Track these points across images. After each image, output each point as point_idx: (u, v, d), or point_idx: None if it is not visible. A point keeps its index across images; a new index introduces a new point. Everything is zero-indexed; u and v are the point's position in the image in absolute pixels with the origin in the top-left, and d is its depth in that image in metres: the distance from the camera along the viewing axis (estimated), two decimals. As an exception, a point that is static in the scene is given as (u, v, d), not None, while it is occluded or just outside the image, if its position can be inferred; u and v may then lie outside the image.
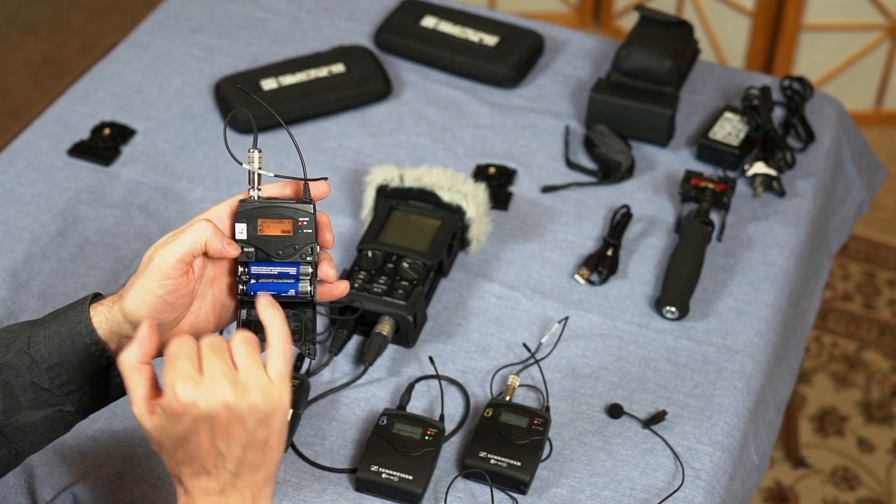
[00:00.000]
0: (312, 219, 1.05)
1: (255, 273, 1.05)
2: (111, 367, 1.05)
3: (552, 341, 1.40)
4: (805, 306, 1.62)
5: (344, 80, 1.71)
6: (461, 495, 1.25)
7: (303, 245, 1.05)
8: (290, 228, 1.05)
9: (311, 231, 1.05)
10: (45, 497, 1.25)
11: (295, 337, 1.07)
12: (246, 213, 1.04)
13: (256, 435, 0.97)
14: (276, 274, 1.05)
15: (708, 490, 1.27)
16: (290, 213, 1.04)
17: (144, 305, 1.02)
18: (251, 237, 1.04)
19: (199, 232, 1.02)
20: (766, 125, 1.62)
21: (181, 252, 1.01)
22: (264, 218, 1.04)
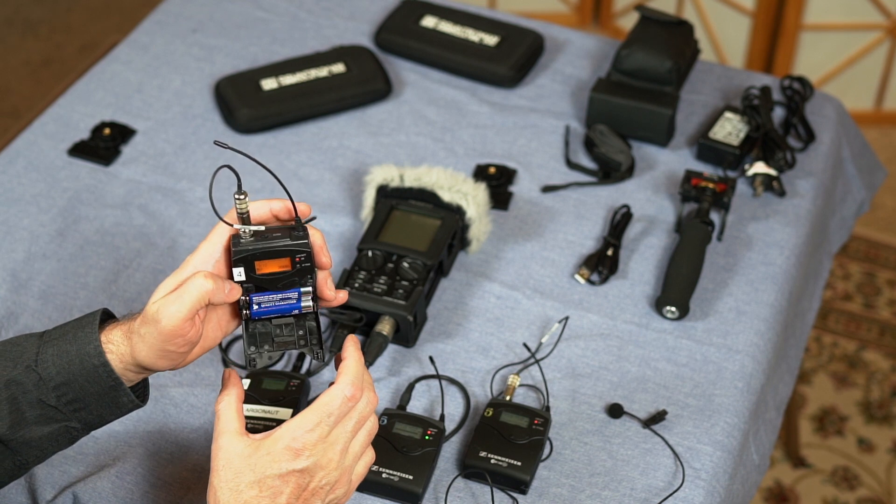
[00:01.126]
0: (310, 254, 1.05)
1: (256, 301, 1.07)
2: (119, 388, 1.06)
3: (552, 341, 1.40)
4: (805, 306, 1.62)
5: (344, 79, 1.71)
6: (461, 495, 1.25)
7: (302, 276, 1.06)
8: (288, 265, 1.06)
9: (310, 264, 1.06)
10: (46, 497, 1.25)
11: (301, 342, 1.09)
12: (242, 258, 1.05)
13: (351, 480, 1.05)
14: (278, 300, 1.07)
15: (708, 490, 1.27)
16: (287, 252, 1.05)
17: (161, 360, 1.05)
18: (250, 278, 1.05)
19: (201, 289, 1.03)
20: (766, 125, 1.62)
21: (186, 312, 1.02)
22: (261, 260, 1.05)
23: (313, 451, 1.01)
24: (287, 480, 1.01)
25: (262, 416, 1.28)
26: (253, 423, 1.28)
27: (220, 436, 1.02)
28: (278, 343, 1.09)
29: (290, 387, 1.31)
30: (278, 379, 1.32)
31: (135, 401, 1.08)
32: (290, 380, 1.31)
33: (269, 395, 1.30)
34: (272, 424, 1.27)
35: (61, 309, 1.43)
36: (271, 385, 1.31)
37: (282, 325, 1.08)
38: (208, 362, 1.37)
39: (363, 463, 1.07)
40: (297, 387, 1.31)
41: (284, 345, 1.09)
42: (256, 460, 1.01)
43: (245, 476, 1.01)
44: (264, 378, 1.32)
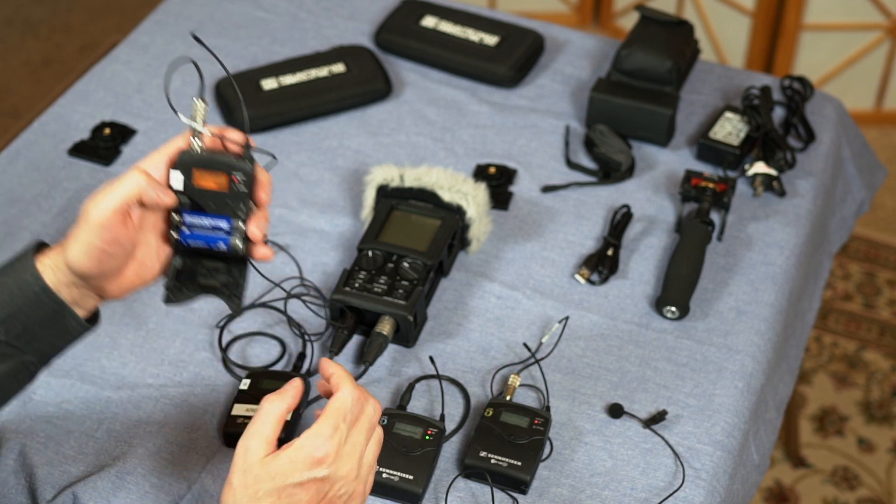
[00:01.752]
0: (250, 178, 1.04)
1: (188, 222, 1.06)
2: (64, 311, 1.06)
3: (552, 341, 1.40)
4: (805, 306, 1.62)
5: (344, 79, 1.71)
6: (461, 495, 1.25)
7: (236, 202, 1.05)
8: (225, 184, 1.05)
9: (247, 190, 1.04)
10: (46, 496, 1.25)
11: (224, 291, 1.08)
12: (183, 163, 1.04)
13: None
14: (209, 226, 1.05)
15: (708, 490, 1.27)
16: (227, 168, 1.04)
17: (86, 257, 1.03)
18: (186, 187, 1.05)
19: (134, 182, 1.02)
20: (766, 125, 1.62)
21: (117, 203, 1.02)
22: (200, 170, 1.04)
23: (334, 460, 1.01)
24: (307, 488, 1.01)
25: None
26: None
27: (251, 436, 1.02)
28: (201, 284, 1.08)
29: None
30: (278, 379, 1.32)
31: (82, 323, 1.08)
32: (290, 379, 1.31)
33: None
34: None
35: (61, 309, 1.43)
36: (271, 385, 1.31)
37: (210, 269, 1.07)
38: (208, 362, 1.37)
39: (374, 473, 1.08)
40: None
41: (206, 288, 1.08)
42: (277, 468, 1.00)
43: (264, 484, 1.00)
44: (263, 378, 1.32)
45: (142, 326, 1.41)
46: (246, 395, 1.30)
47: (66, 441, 1.29)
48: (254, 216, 1.07)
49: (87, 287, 1.07)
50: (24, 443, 1.28)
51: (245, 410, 1.29)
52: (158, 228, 1.08)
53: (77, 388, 1.34)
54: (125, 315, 1.41)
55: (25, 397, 1.33)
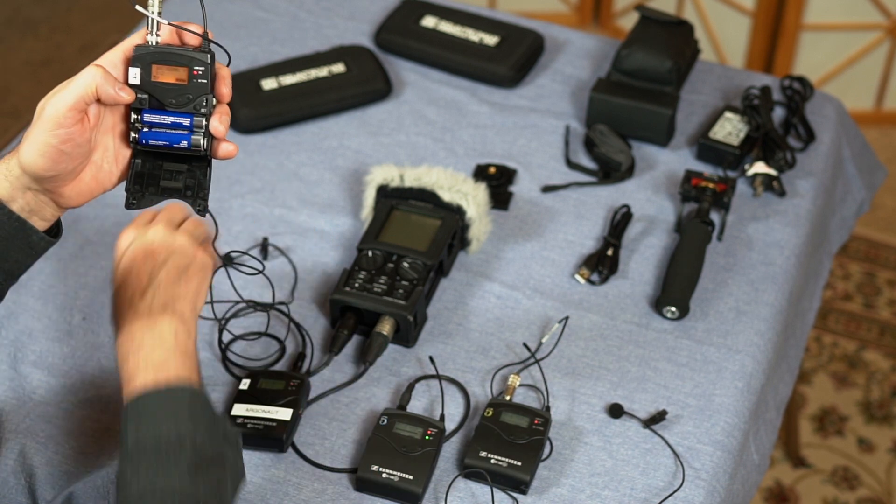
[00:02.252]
0: (208, 69, 1.03)
1: (147, 121, 1.03)
2: (24, 226, 1.05)
3: (552, 341, 1.40)
4: (805, 306, 1.62)
5: (344, 79, 1.71)
6: (461, 495, 1.25)
7: (197, 95, 1.03)
8: (184, 77, 1.02)
9: (207, 81, 1.02)
10: (46, 497, 1.25)
11: (188, 193, 1.06)
12: (140, 57, 1.02)
13: (179, 262, 1.11)
14: (170, 123, 1.03)
15: (708, 490, 1.27)
16: (186, 60, 1.02)
17: (41, 157, 1.01)
18: (145, 83, 1.02)
19: (90, 78, 1.00)
20: (766, 125, 1.62)
21: (72, 99, 1.00)
22: (159, 64, 1.02)
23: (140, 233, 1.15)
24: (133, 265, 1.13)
25: (262, 416, 1.28)
26: (253, 423, 1.28)
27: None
28: (163, 188, 1.06)
29: (290, 387, 1.31)
30: (278, 379, 1.32)
31: (44, 237, 1.07)
32: (289, 380, 1.31)
33: (269, 395, 1.30)
34: (272, 425, 1.28)
35: (61, 309, 1.43)
36: (271, 385, 1.31)
37: (172, 171, 1.06)
38: (208, 362, 1.37)
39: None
40: (296, 387, 1.31)
41: (169, 191, 1.06)
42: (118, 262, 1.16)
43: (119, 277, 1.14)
44: (263, 378, 1.32)
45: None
46: (246, 395, 1.30)
47: (65, 441, 1.29)
48: (215, 111, 1.05)
49: (43, 193, 1.05)
50: (24, 443, 1.28)
51: (245, 410, 1.29)
52: (117, 130, 1.06)
53: (77, 388, 1.34)
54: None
55: (25, 397, 1.33)
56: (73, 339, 1.39)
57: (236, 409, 1.29)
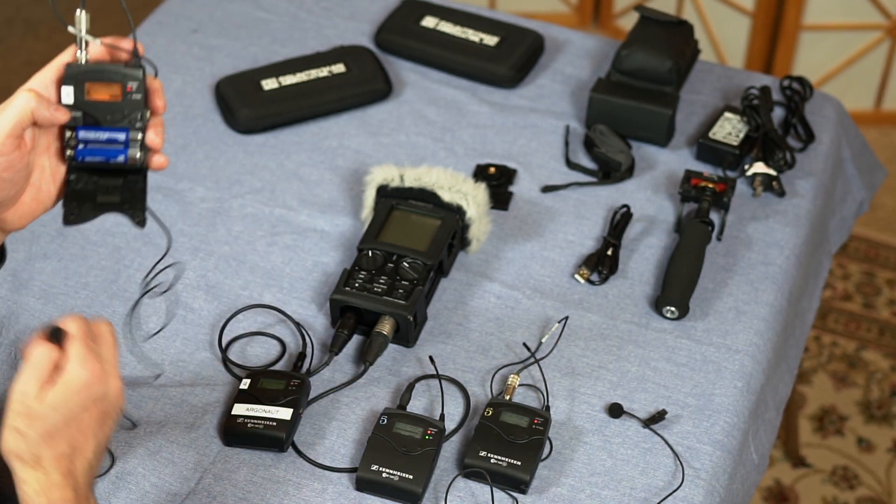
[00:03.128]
0: (141, 83, 1.02)
1: (83, 138, 1.03)
2: None
3: (552, 341, 1.40)
4: (805, 306, 1.62)
5: (344, 79, 1.71)
6: (461, 494, 1.25)
7: (131, 111, 1.03)
8: (118, 93, 1.02)
9: (141, 96, 1.02)
10: (46, 496, 1.25)
11: (126, 206, 1.06)
12: (73, 76, 1.02)
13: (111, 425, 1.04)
14: (105, 139, 1.03)
15: (708, 489, 1.27)
16: (119, 77, 1.02)
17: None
18: (78, 101, 1.02)
19: (24, 102, 1.00)
20: (765, 125, 1.62)
21: (9, 126, 1.00)
22: (91, 82, 1.02)
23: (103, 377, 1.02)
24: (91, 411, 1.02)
25: (262, 416, 1.28)
26: (253, 422, 1.28)
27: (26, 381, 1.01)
28: (101, 203, 1.06)
29: (291, 386, 1.31)
30: (278, 379, 1.32)
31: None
32: (290, 379, 1.32)
33: (269, 395, 1.30)
34: (272, 424, 1.28)
35: (62, 309, 1.43)
36: (271, 385, 1.31)
37: (108, 186, 1.05)
38: (208, 362, 1.38)
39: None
40: (297, 387, 1.31)
41: (106, 206, 1.06)
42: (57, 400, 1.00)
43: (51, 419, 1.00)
44: (263, 378, 1.32)
45: (142, 326, 1.41)
46: (246, 395, 1.30)
47: (66, 441, 1.29)
48: (151, 124, 1.05)
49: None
50: (25, 442, 1.28)
51: (246, 410, 1.29)
52: (53, 149, 1.06)
53: (77, 387, 1.34)
54: (126, 315, 1.41)
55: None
56: (74, 338, 1.39)
57: (237, 409, 1.29)
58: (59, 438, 1.00)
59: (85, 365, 1.00)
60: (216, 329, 1.41)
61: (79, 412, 1.00)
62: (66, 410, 1.00)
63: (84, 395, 1.00)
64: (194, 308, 1.43)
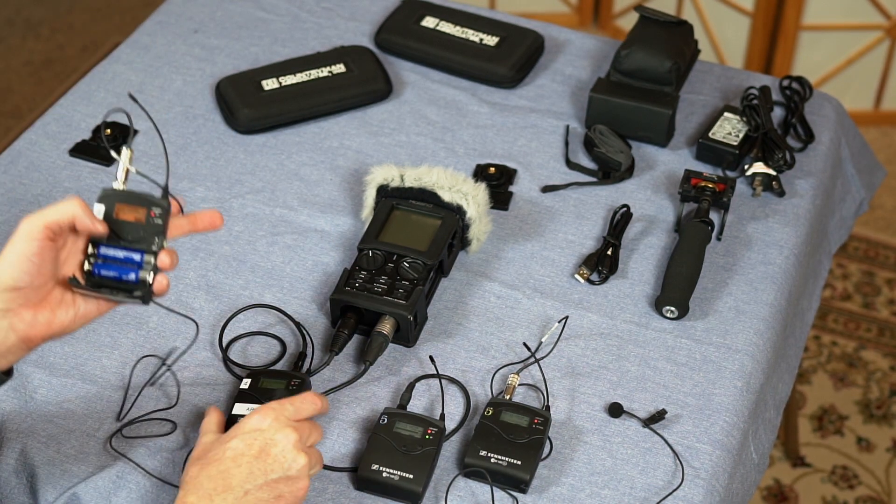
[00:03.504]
0: (166, 213, 1.11)
1: (103, 253, 1.11)
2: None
3: (552, 340, 1.41)
4: (804, 305, 1.62)
5: (344, 80, 1.71)
6: (461, 494, 1.26)
7: (151, 234, 1.11)
8: (142, 217, 1.11)
9: (162, 223, 1.11)
10: (48, 497, 1.25)
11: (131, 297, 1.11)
12: (106, 197, 1.11)
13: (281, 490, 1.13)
14: (122, 258, 1.10)
15: (707, 489, 1.27)
16: (146, 203, 1.11)
17: (10, 266, 1.06)
18: (107, 217, 1.10)
19: (70, 206, 1.07)
20: (765, 125, 1.62)
21: (51, 218, 1.06)
22: (121, 203, 1.11)
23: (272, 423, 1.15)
24: (249, 443, 1.13)
25: None
26: None
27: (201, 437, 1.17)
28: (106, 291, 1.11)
29: (291, 386, 1.31)
30: (279, 379, 1.32)
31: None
32: (290, 379, 1.32)
33: (270, 395, 1.30)
34: None
35: (63, 308, 1.43)
36: (272, 385, 1.31)
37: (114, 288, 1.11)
38: (209, 362, 1.38)
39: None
40: (297, 386, 1.31)
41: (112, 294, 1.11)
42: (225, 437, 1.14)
43: (214, 450, 1.13)
44: (264, 377, 1.32)
45: (142, 326, 1.41)
46: (247, 395, 1.30)
47: (67, 440, 1.29)
48: (167, 249, 1.12)
49: (3, 316, 1.07)
50: (26, 442, 1.29)
51: (246, 410, 1.29)
52: (73, 261, 1.11)
53: (78, 387, 1.34)
54: (126, 315, 1.42)
55: (27, 396, 1.33)
56: (75, 338, 1.40)
57: (237, 409, 1.30)
58: (211, 465, 1.11)
59: (265, 410, 1.15)
60: (216, 329, 1.41)
61: (238, 445, 1.12)
62: (227, 445, 1.13)
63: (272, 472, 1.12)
64: (195, 308, 1.43)
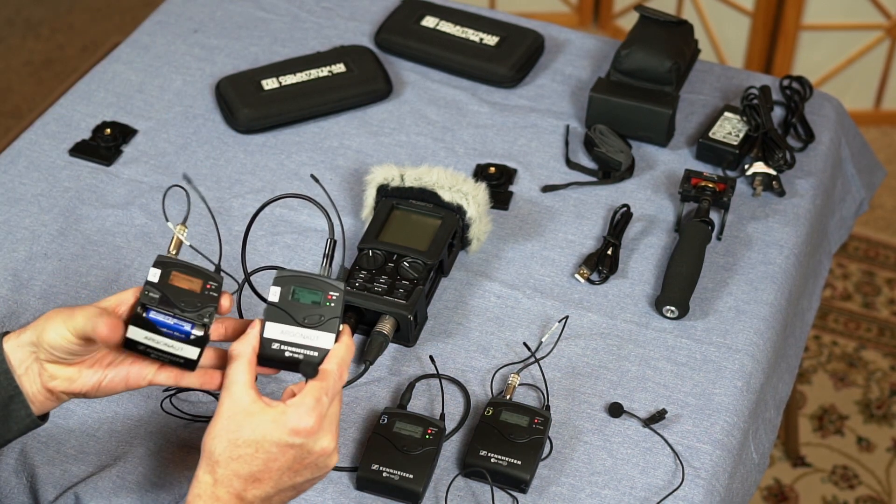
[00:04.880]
0: (219, 288, 1.10)
1: (152, 318, 1.08)
2: (17, 396, 1.08)
3: (552, 340, 1.41)
4: (804, 305, 1.62)
5: (344, 79, 1.71)
6: (461, 494, 1.26)
7: (204, 305, 1.09)
8: (197, 288, 1.10)
9: (217, 295, 1.10)
10: (48, 497, 1.25)
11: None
12: (163, 263, 1.10)
13: (304, 486, 1.10)
14: (171, 325, 1.08)
15: (708, 489, 1.27)
16: (202, 276, 1.11)
17: (47, 336, 1.07)
18: (161, 283, 1.09)
19: (91, 321, 1.05)
20: (765, 125, 1.62)
21: (78, 327, 1.06)
22: (177, 271, 1.10)
23: (313, 433, 1.06)
24: (285, 451, 1.06)
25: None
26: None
27: (231, 385, 1.07)
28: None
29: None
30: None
31: (31, 415, 1.10)
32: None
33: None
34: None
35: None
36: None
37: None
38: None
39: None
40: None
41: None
42: (260, 422, 1.05)
43: (245, 431, 1.05)
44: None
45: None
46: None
47: (67, 440, 1.29)
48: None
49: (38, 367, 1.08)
50: (25, 442, 1.29)
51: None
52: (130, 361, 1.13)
53: (78, 387, 1.34)
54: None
55: (27, 396, 1.33)
56: (75, 338, 1.40)
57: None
58: (244, 459, 1.05)
59: (302, 412, 1.05)
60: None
61: (271, 442, 1.05)
62: (261, 433, 1.05)
63: (284, 436, 1.05)
64: (195, 308, 1.43)
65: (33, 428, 1.11)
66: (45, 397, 1.10)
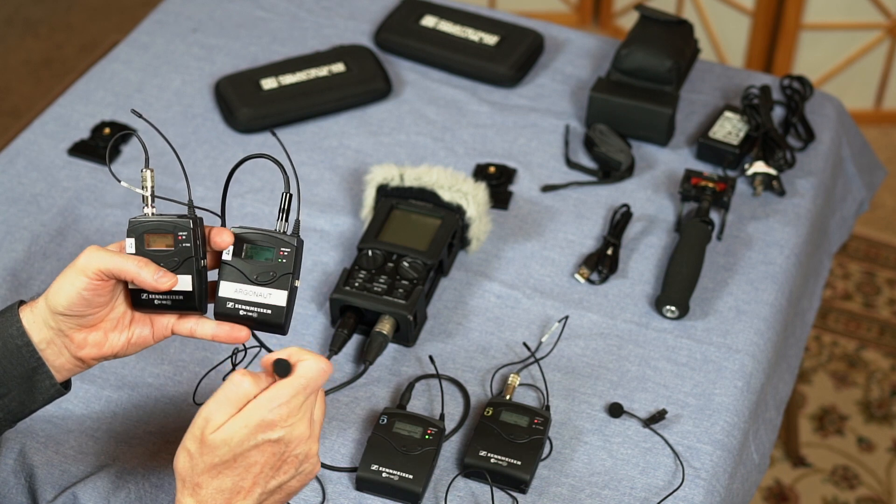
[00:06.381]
0: (190, 233, 1.11)
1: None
2: (40, 367, 1.09)
3: (552, 340, 1.40)
4: (805, 305, 1.62)
5: (344, 79, 1.71)
6: (461, 494, 1.25)
7: (183, 258, 1.10)
8: (171, 242, 1.11)
9: (190, 244, 1.10)
10: (46, 497, 1.25)
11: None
12: (134, 229, 1.11)
13: (292, 484, 1.06)
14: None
15: (708, 489, 1.27)
16: (171, 228, 1.11)
17: (63, 295, 1.07)
18: (139, 251, 1.11)
19: (135, 268, 1.07)
20: (765, 124, 1.62)
21: (108, 266, 1.07)
22: (150, 233, 1.11)
23: (287, 421, 1.02)
24: (262, 450, 1.02)
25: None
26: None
27: (216, 406, 1.02)
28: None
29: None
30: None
31: (56, 384, 1.10)
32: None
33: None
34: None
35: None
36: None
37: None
38: (208, 362, 1.37)
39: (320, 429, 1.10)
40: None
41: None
42: (231, 434, 1.01)
43: (220, 451, 1.01)
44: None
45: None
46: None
47: (66, 441, 1.29)
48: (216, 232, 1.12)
49: (59, 335, 1.09)
50: (24, 442, 1.28)
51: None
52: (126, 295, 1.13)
53: (77, 387, 1.34)
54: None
55: (25, 397, 1.33)
56: (74, 338, 1.40)
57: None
58: (224, 473, 1.02)
59: (273, 405, 1.01)
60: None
61: (248, 449, 1.02)
62: (237, 445, 1.01)
63: (259, 434, 1.01)
64: (194, 308, 1.43)
65: (58, 397, 1.12)
66: (73, 365, 1.11)
